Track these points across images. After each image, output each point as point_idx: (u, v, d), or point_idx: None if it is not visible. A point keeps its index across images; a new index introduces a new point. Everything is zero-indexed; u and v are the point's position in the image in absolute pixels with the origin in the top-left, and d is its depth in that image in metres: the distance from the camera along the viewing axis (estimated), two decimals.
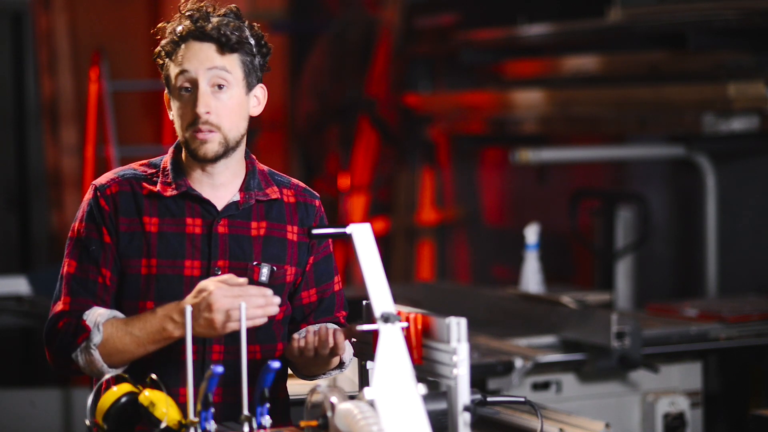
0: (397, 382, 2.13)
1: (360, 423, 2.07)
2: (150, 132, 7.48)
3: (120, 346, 2.46)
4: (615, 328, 3.97)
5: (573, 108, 5.60)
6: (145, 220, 2.56)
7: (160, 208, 2.57)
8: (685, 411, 4.16)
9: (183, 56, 2.54)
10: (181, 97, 2.55)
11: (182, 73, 2.54)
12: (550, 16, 5.83)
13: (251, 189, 2.62)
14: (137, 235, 2.56)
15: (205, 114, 2.51)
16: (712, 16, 4.86)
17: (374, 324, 2.25)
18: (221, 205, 2.59)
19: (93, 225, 2.57)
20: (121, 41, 7.37)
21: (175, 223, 2.57)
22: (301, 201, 2.69)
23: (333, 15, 7.38)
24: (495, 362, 3.95)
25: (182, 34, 2.55)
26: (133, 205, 2.57)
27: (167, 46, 2.57)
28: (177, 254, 2.55)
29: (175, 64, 2.55)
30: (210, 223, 2.57)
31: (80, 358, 2.49)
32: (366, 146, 7.19)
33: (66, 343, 2.50)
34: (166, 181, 2.59)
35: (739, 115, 4.86)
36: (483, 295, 5.00)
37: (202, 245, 2.56)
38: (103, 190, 2.59)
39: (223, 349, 2.55)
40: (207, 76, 2.53)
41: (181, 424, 2.30)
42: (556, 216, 6.02)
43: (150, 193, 2.58)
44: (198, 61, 2.53)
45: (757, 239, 5.26)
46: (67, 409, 5.22)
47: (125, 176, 2.62)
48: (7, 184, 7.28)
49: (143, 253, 2.54)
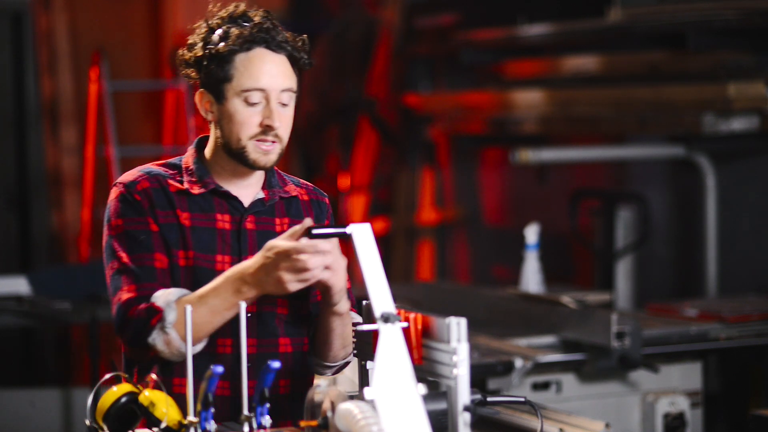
0: (397, 382, 2.13)
1: (360, 423, 2.07)
2: (150, 132, 7.48)
3: (198, 320, 2.44)
4: (615, 328, 3.97)
5: (573, 108, 5.60)
6: (178, 213, 2.58)
7: (189, 203, 2.60)
8: (685, 411, 4.16)
9: (257, 67, 2.55)
10: (248, 106, 2.56)
11: (257, 87, 2.54)
12: (550, 16, 5.83)
13: (273, 186, 2.67)
14: (174, 227, 2.57)
15: (278, 127, 2.56)
16: (712, 16, 4.86)
17: (374, 324, 2.25)
18: (247, 202, 2.63)
19: (136, 217, 2.57)
20: (121, 41, 7.37)
21: (206, 218, 2.59)
22: (314, 198, 2.74)
23: (333, 15, 7.38)
24: (495, 362, 3.95)
25: (249, 39, 2.55)
26: (165, 199, 2.59)
27: (223, 47, 2.56)
28: (209, 248, 2.57)
29: (245, 73, 2.55)
30: (238, 220, 2.61)
31: (157, 340, 2.46)
32: (366, 146, 7.19)
33: (140, 328, 2.47)
34: (191, 179, 2.61)
35: (739, 115, 4.86)
36: (483, 295, 5.00)
37: (232, 241, 2.59)
38: (133, 186, 2.59)
39: (256, 342, 2.58)
40: (279, 93, 2.56)
41: (181, 424, 2.30)
42: (556, 216, 6.02)
43: (178, 190, 2.60)
44: (274, 76, 2.56)
45: (757, 239, 5.26)
46: (67, 409, 5.22)
47: (151, 173, 2.62)
48: (7, 184, 7.29)
49: (180, 245, 2.56)
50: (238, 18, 2.60)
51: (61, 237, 7.22)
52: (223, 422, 2.46)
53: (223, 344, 2.56)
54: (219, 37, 2.57)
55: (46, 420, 5.21)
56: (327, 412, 2.20)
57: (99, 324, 4.91)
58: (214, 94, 2.59)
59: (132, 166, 2.70)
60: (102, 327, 5.08)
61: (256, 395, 2.27)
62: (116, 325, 2.53)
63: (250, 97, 2.55)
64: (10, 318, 5.01)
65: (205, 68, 2.59)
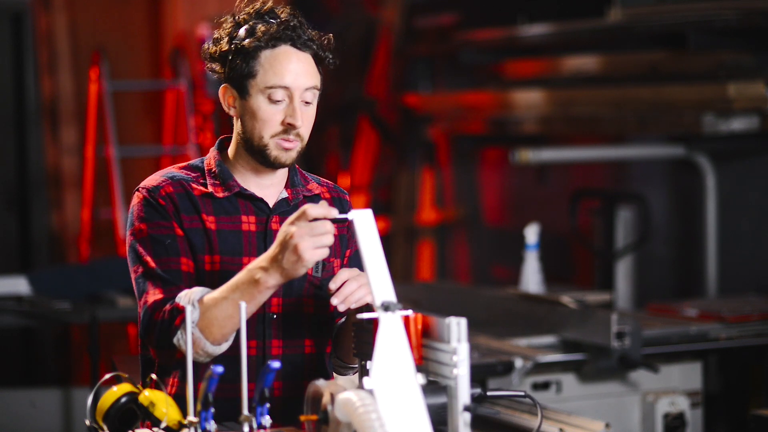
0: (396, 371, 2.13)
1: (359, 411, 2.07)
2: (150, 132, 7.47)
3: (220, 315, 2.43)
4: (615, 328, 3.97)
5: (573, 108, 5.60)
6: (203, 217, 2.58)
7: (215, 206, 2.60)
8: (685, 411, 4.16)
9: (282, 65, 2.55)
10: (272, 104, 2.55)
11: (281, 84, 2.54)
12: (550, 16, 5.83)
13: (296, 185, 2.68)
14: (199, 232, 2.57)
15: (300, 126, 2.56)
16: (712, 16, 4.86)
17: (374, 312, 2.25)
18: (271, 202, 2.64)
19: (161, 221, 2.57)
20: (121, 41, 7.36)
21: (232, 221, 2.59)
22: (335, 196, 2.75)
23: (333, 15, 7.38)
24: (495, 362, 3.95)
25: (276, 36, 2.55)
26: (190, 204, 2.59)
27: (249, 43, 2.55)
28: (235, 251, 2.57)
29: (270, 70, 2.55)
30: (264, 221, 2.61)
31: (182, 340, 2.44)
32: (366, 146, 7.19)
33: (165, 329, 2.47)
34: (215, 182, 2.61)
35: (739, 115, 4.86)
36: (483, 295, 5.00)
37: (258, 242, 2.60)
38: (157, 191, 2.59)
39: (281, 343, 2.58)
40: (303, 91, 2.56)
41: (181, 424, 2.30)
42: (556, 216, 6.02)
43: (203, 194, 2.60)
44: (299, 74, 2.55)
45: (757, 239, 5.26)
46: (67, 409, 5.22)
47: (175, 178, 2.62)
48: (7, 184, 7.28)
49: (206, 250, 2.56)
50: (265, 14, 2.60)
51: (61, 237, 7.22)
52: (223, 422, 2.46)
53: (247, 346, 2.56)
54: (245, 33, 2.57)
55: (46, 420, 5.21)
56: (327, 406, 2.20)
57: (99, 324, 4.91)
58: (238, 90, 2.59)
59: (132, 166, 2.70)
60: (102, 327, 5.07)
61: (257, 395, 2.27)
62: (142, 328, 2.51)
63: (274, 94, 2.55)
64: (10, 318, 5.01)
65: (230, 63, 2.58)
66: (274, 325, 2.57)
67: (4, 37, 7.30)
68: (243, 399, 2.29)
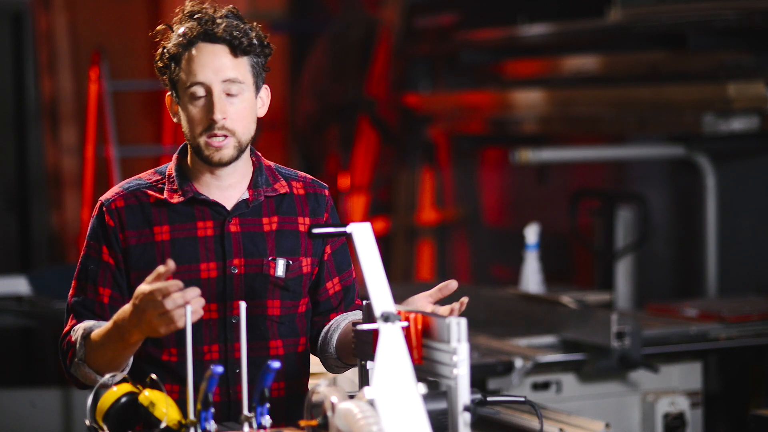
0: (397, 382, 2.13)
1: (360, 422, 2.07)
2: (150, 132, 7.48)
3: (101, 359, 2.47)
4: (615, 328, 3.97)
5: (573, 108, 5.60)
6: (155, 230, 2.56)
7: (169, 215, 2.58)
8: (685, 411, 4.16)
9: (195, 61, 2.53)
10: (194, 102, 2.54)
11: (195, 81, 2.52)
12: (550, 16, 5.83)
13: (259, 186, 2.63)
14: (149, 246, 2.56)
15: (221, 120, 2.51)
16: (712, 16, 4.86)
17: (374, 324, 2.25)
18: (231, 204, 2.60)
19: (95, 243, 2.59)
20: (121, 41, 7.37)
21: (187, 228, 2.57)
22: (311, 192, 2.69)
23: (333, 15, 7.38)
24: (495, 362, 3.95)
25: (191, 36, 2.53)
26: (141, 217, 2.57)
27: (173, 48, 2.55)
28: (192, 259, 2.55)
29: (187, 70, 2.53)
30: (221, 224, 2.58)
31: (77, 373, 2.52)
32: (366, 146, 7.19)
33: (64, 362, 2.55)
34: (172, 188, 2.59)
35: (739, 115, 4.86)
36: (483, 295, 5.00)
37: (215, 246, 2.57)
38: (108, 204, 2.59)
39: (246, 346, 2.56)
40: (222, 84, 2.52)
41: (181, 424, 2.30)
42: (556, 216, 6.02)
43: (157, 200, 2.59)
44: (212, 68, 2.52)
45: (757, 239, 5.26)
46: (67, 409, 5.22)
47: (130, 189, 2.61)
48: (7, 184, 7.29)
49: (158, 263, 2.50)
50: (188, 15, 2.57)
51: (61, 237, 7.22)
52: (223, 422, 2.46)
53: (209, 351, 2.55)
54: (173, 39, 2.57)
55: (46, 420, 5.21)
56: (327, 412, 2.20)
57: None
58: (177, 97, 2.59)
59: (132, 166, 2.71)
60: None
61: (256, 395, 2.27)
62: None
63: (194, 92, 2.53)
64: (10, 318, 5.01)
65: (167, 72, 2.59)
66: (236, 328, 2.54)
67: (4, 37, 7.30)
68: (243, 399, 2.29)
